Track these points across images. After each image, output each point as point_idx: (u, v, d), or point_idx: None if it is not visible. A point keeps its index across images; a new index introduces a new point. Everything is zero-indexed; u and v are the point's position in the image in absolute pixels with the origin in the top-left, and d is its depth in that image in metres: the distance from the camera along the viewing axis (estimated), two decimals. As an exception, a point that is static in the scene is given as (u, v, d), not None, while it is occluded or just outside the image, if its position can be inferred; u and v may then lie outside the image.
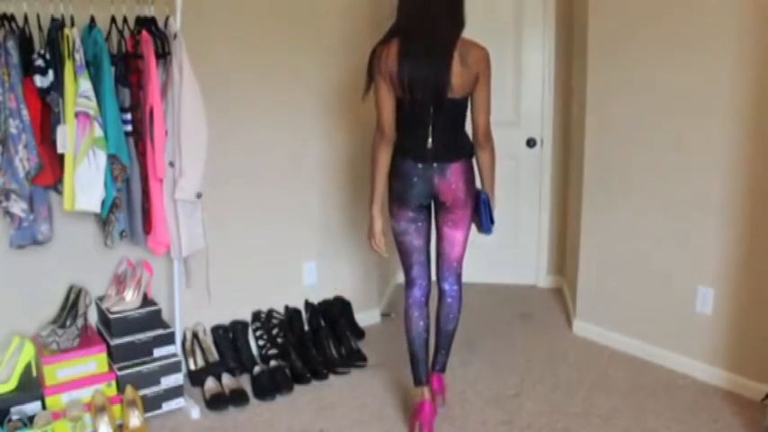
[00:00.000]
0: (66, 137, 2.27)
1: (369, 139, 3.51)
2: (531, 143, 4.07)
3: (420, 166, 2.42)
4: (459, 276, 2.64)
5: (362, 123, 3.45)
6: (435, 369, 2.72)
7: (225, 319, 3.18)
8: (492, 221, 2.57)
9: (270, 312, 3.30)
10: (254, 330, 3.22)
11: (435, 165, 2.41)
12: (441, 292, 2.64)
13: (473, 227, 2.62)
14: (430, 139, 2.40)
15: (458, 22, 2.33)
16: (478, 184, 2.59)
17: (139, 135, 2.51)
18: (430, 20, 2.28)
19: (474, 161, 2.52)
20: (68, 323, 2.56)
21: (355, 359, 3.17)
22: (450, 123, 2.41)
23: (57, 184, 2.43)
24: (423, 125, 2.39)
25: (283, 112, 3.20)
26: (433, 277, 2.66)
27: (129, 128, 2.48)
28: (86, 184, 2.32)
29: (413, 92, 2.32)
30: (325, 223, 3.44)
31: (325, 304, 3.46)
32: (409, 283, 2.61)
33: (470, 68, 2.31)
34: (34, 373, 2.49)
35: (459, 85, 2.32)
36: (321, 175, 3.39)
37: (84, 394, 2.51)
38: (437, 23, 2.29)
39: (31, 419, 2.36)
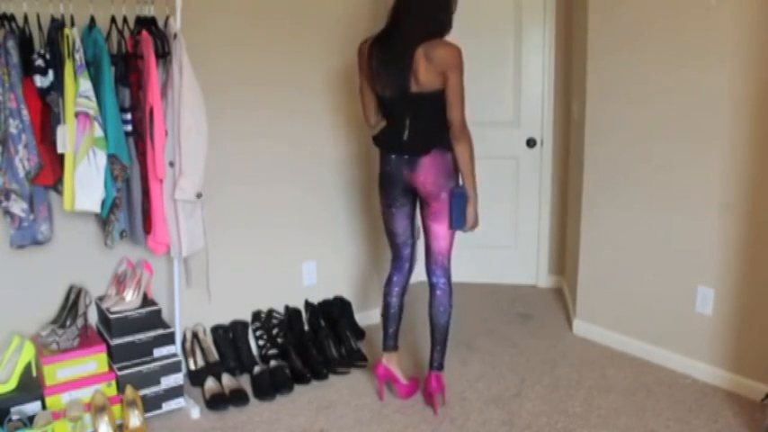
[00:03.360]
0: (66, 137, 2.27)
1: (369, 140, 3.53)
2: (531, 143, 4.07)
3: (394, 157, 2.61)
4: (446, 270, 2.71)
5: (362, 124, 3.45)
6: (433, 367, 2.73)
7: (225, 319, 3.18)
8: (462, 217, 2.58)
9: (270, 312, 3.30)
10: (254, 330, 3.22)
11: (407, 157, 2.57)
12: (430, 286, 2.74)
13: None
14: (407, 132, 2.55)
15: (429, 23, 2.47)
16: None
17: (139, 135, 2.51)
18: (399, 21, 2.48)
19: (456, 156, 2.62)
20: (68, 323, 2.55)
21: (355, 359, 3.17)
22: (427, 117, 2.54)
23: (57, 184, 2.43)
24: (401, 118, 2.56)
25: (283, 112, 3.19)
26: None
27: (129, 128, 2.47)
28: (86, 184, 2.32)
29: (381, 87, 2.51)
30: (325, 223, 3.44)
31: (325, 304, 3.46)
32: (392, 260, 2.86)
33: (435, 65, 2.43)
34: (34, 373, 2.49)
35: (426, 80, 2.44)
36: (321, 175, 3.39)
37: (85, 394, 2.50)
38: (404, 24, 2.46)
39: (31, 419, 2.36)
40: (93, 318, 2.76)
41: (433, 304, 2.72)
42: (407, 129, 2.54)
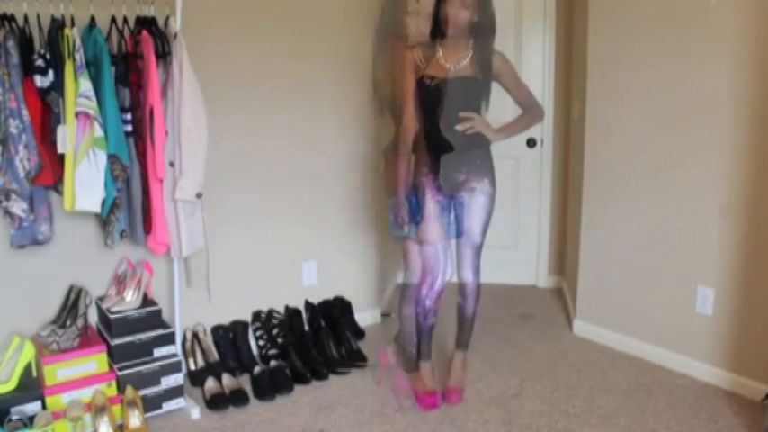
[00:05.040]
0: (66, 137, 2.27)
1: (370, 140, 3.52)
2: (531, 143, 4.07)
3: None
4: None
5: (364, 124, 3.45)
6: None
7: (225, 319, 3.18)
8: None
9: (270, 312, 3.30)
10: (255, 330, 3.22)
11: None
12: None
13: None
14: None
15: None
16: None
17: (139, 135, 2.51)
18: None
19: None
20: (68, 323, 2.56)
21: (355, 359, 3.17)
22: None
23: (57, 184, 2.43)
24: None
25: (284, 112, 3.19)
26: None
27: (129, 128, 2.48)
28: (86, 184, 2.32)
29: None
30: (325, 223, 3.44)
31: (326, 304, 3.46)
32: None
33: None
34: (34, 373, 2.49)
35: None
36: (322, 175, 3.39)
37: (85, 394, 2.50)
38: None
39: (31, 419, 2.36)
40: (93, 318, 2.76)
41: None
42: None
